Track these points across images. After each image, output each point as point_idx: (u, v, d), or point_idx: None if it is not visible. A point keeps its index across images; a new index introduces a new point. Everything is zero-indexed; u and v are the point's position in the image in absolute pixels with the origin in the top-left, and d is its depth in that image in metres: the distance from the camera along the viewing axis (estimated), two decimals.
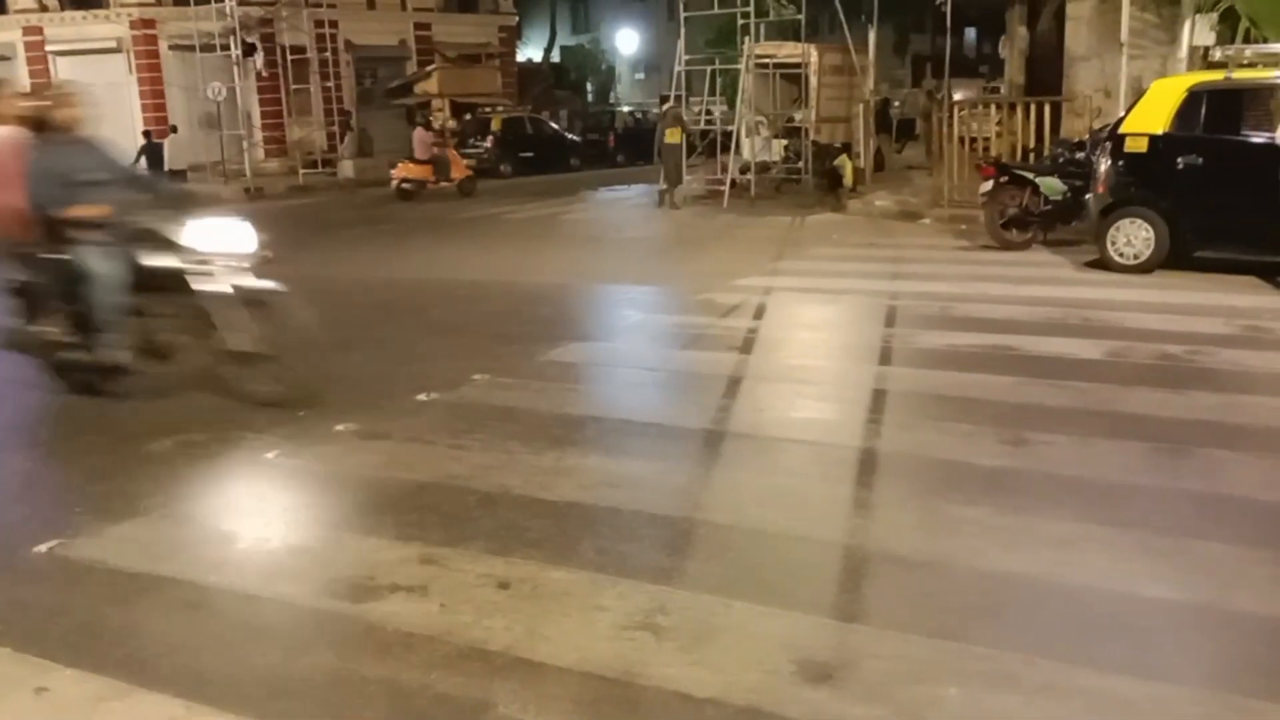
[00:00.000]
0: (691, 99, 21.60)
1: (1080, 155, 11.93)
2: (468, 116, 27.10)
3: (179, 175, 20.98)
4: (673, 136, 17.74)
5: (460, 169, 20.92)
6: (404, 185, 20.21)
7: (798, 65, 19.18)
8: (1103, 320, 7.88)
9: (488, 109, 27.49)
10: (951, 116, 15.26)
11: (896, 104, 28.83)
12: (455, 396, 6.25)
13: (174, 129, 24.10)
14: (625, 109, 40.79)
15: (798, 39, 19.05)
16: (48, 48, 26.77)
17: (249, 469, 5.16)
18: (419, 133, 21.02)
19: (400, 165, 20.50)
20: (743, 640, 3.28)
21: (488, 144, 26.12)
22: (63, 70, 26.61)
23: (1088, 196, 10.58)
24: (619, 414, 5.93)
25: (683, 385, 6.74)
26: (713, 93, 20.75)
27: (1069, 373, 6.35)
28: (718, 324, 8.29)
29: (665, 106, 20.14)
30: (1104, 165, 10.13)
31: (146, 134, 22.49)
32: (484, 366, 6.85)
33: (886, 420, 5.58)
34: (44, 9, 26.53)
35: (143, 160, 20.08)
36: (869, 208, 16.23)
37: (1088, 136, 13.11)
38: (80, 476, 5.16)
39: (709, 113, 20.58)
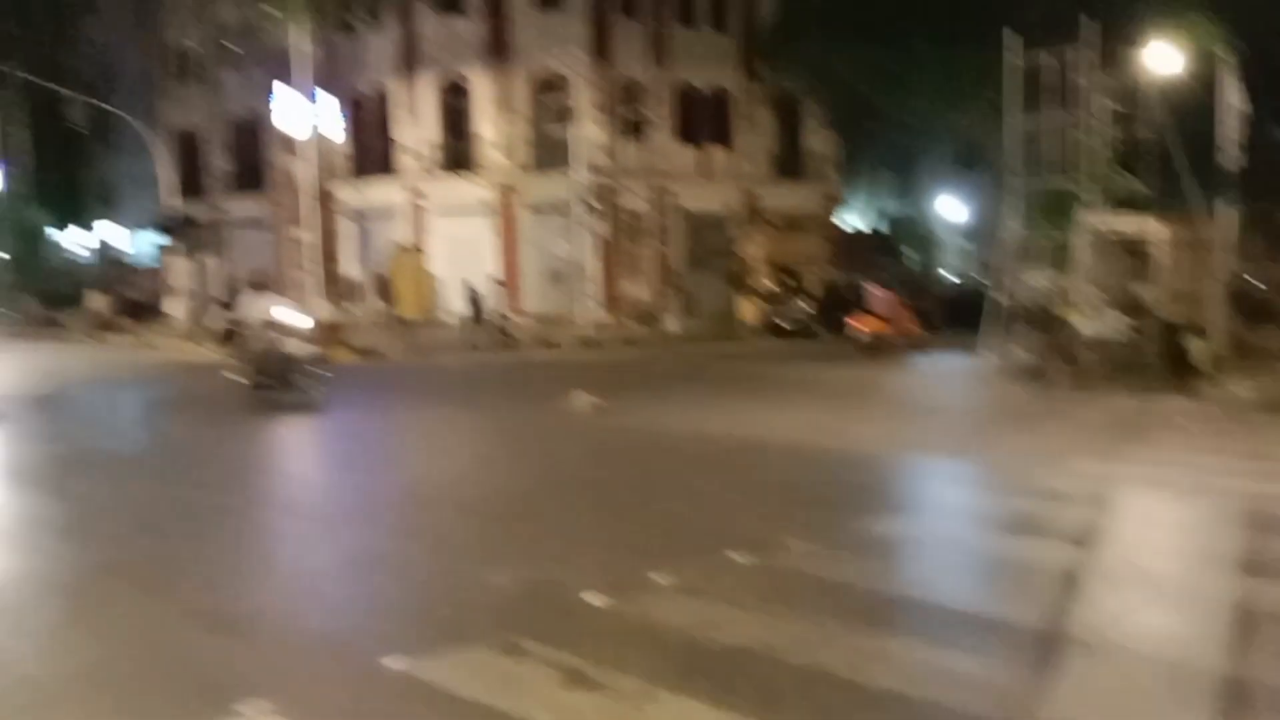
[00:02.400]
0: (1021, 268, 20.94)
1: None
2: (788, 280, 27.79)
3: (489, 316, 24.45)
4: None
5: (912, 326, 21.68)
6: (863, 337, 21.01)
7: (1140, 238, 18.13)
8: None
9: (808, 273, 28.08)
10: None
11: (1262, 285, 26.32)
12: (768, 559, 6.21)
13: (496, 281, 26.61)
14: (950, 276, 40.16)
15: (1141, 209, 18.06)
16: (426, 206, 30.57)
17: (565, 611, 5.32)
18: (877, 290, 22.07)
19: (860, 319, 21.41)
20: None
21: (807, 307, 26.57)
22: (435, 226, 30.32)
23: None
24: (939, 598, 5.62)
25: (1009, 573, 6.30)
26: (1045, 263, 19.99)
27: None
28: (1049, 509, 7.73)
29: (990, 274, 19.71)
30: None
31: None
32: (796, 530, 6.78)
33: (1259, 645, 4.89)
34: (425, 173, 30.45)
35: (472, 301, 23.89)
36: (1225, 395, 14.73)
37: None
38: (416, 599, 5.58)
39: (1041, 284, 19.80)
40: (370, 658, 4.62)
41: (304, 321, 13.69)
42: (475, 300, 24.50)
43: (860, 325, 21.19)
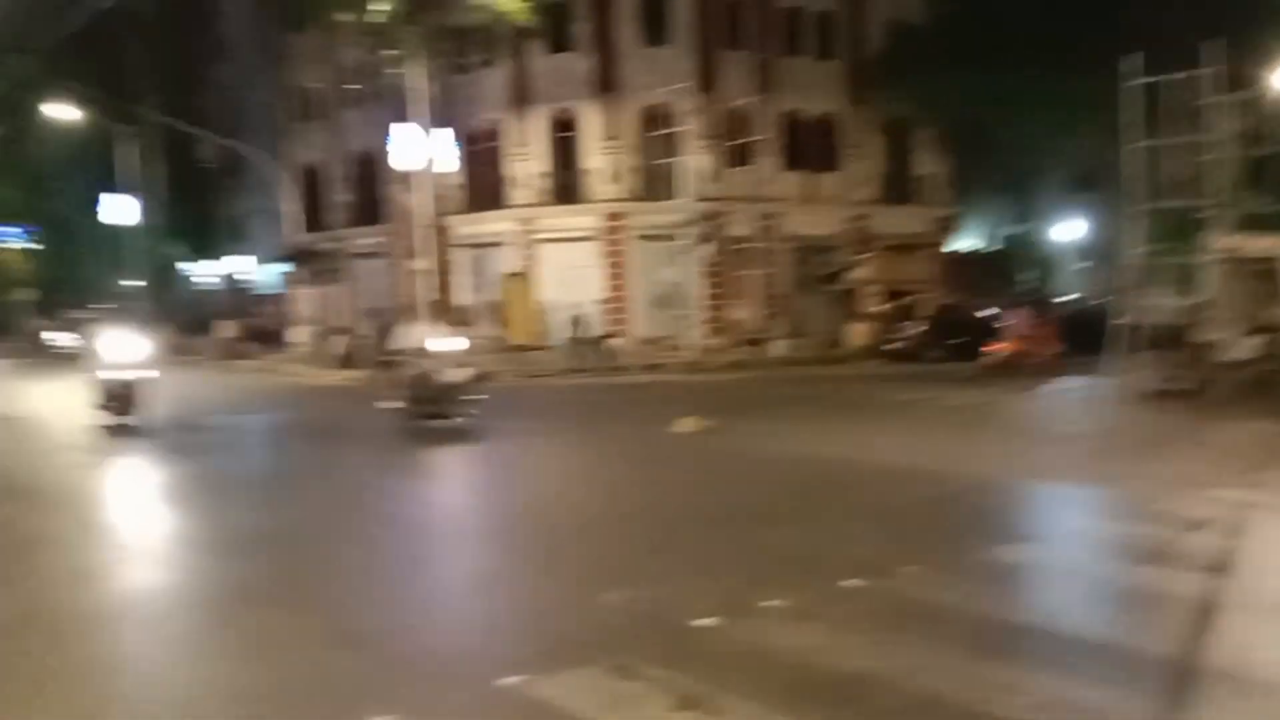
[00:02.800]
0: (1145, 290, 20.21)
1: None
2: (898, 303, 27.37)
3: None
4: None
5: (1050, 345, 21.32)
6: (997, 357, 20.94)
7: (1271, 258, 17.27)
8: None
9: (919, 296, 27.58)
10: None
11: None
12: (884, 585, 6.10)
13: (603, 306, 27.22)
14: (1066, 298, 38.97)
15: (1271, 230, 17.20)
16: (537, 236, 31.17)
17: (678, 633, 5.32)
18: (1020, 313, 21.86)
19: (1002, 343, 21.31)
20: None
21: (917, 330, 26.11)
22: (545, 255, 30.88)
23: None
24: (1065, 627, 5.42)
25: (1140, 604, 6.03)
26: (1170, 284, 19.21)
27: None
28: (1183, 539, 7.38)
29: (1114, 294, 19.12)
30: None
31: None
32: (913, 557, 6.64)
33: None
34: (536, 204, 31.06)
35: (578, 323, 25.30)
36: None
37: None
38: (531, 618, 5.66)
39: (1169, 305, 19.04)
40: (488, 676, 4.71)
41: (459, 344, 14.08)
42: (582, 325, 24.87)
43: (996, 347, 20.87)
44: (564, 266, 30.11)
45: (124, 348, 14.79)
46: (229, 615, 5.89)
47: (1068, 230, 41.39)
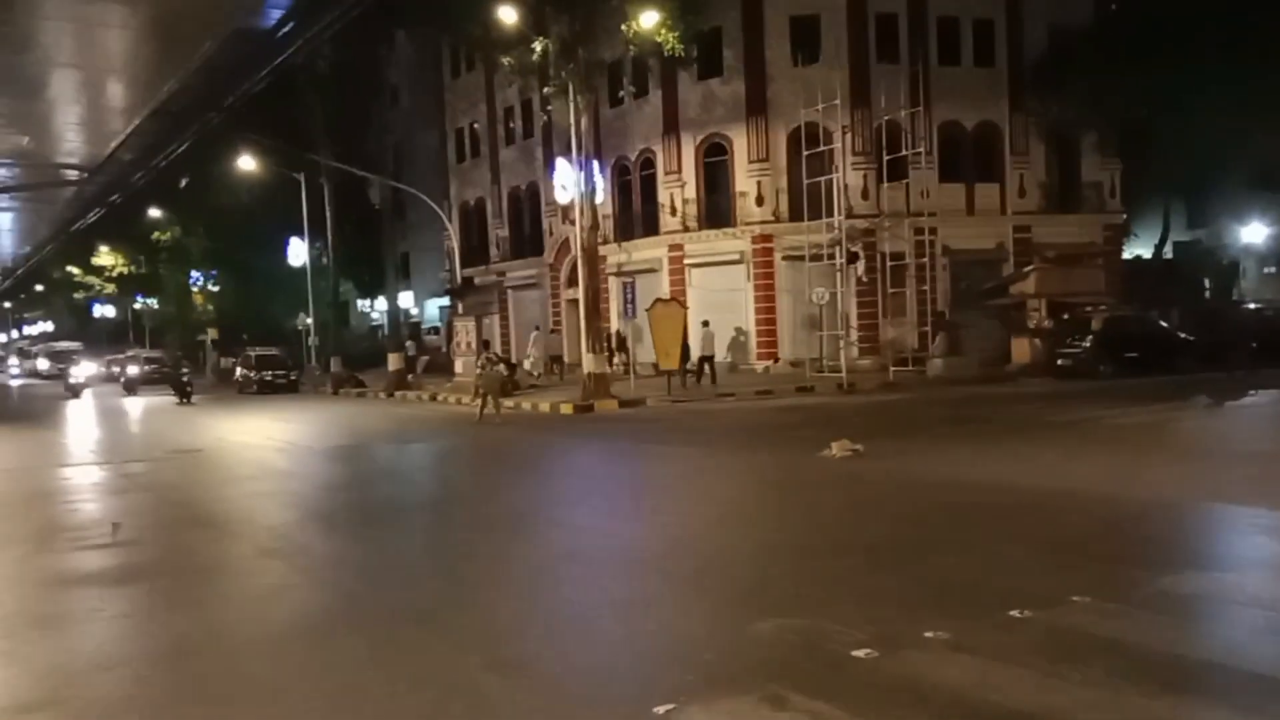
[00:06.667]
0: None
1: None
2: (1065, 316, 26.18)
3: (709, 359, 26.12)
4: None
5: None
6: None
7: None
8: None
9: (1088, 308, 26.30)
10: None
11: None
12: (1052, 617, 5.83)
13: (704, 323, 26.95)
14: (1252, 306, 36.49)
15: None
16: (686, 261, 31.42)
17: (832, 664, 5.24)
18: None
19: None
20: None
21: (1086, 344, 24.91)
22: (694, 279, 31.07)
23: None
24: (1250, 665, 5.05)
25: None
26: None
27: None
28: None
29: None
30: None
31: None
32: (1083, 587, 6.33)
33: None
34: (686, 230, 31.32)
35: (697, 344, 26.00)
36: None
37: None
38: (684, 645, 5.67)
39: None
40: (640, 702, 4.75)
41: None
42: (729, 348, 24.78)
43: None
44: (713, 290, 30.24)
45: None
46: (389, 638, 6.15)
47: (1250, 234, 38.85)
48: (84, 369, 40.37)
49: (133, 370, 39.66)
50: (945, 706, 4.58)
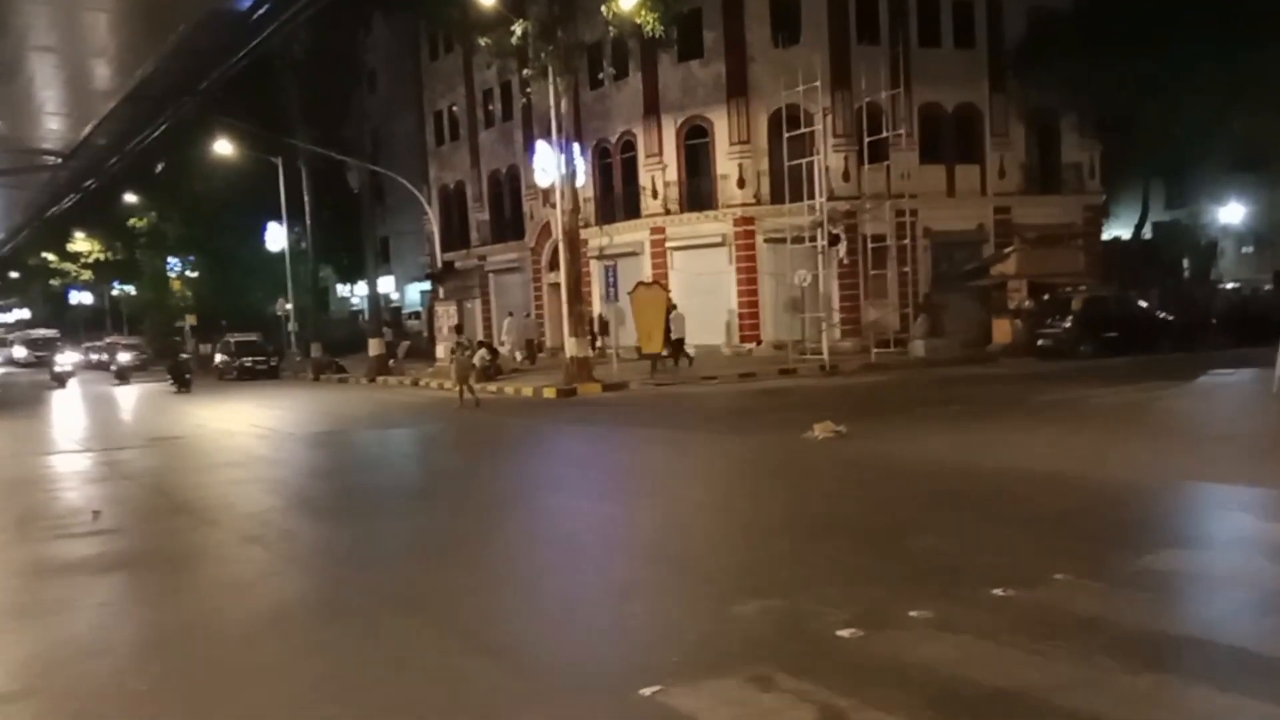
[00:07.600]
0: None
1: None
2: (1045, 297, 26.31)
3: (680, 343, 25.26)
4: None
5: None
6: None
7: None
8: None
9: (1068, 289, 26.44)
10: None
11: None
12: (1034, 596, 5.87)
13: (672, 306, 26.24)
14: (1229, 286, 36.81)
15: None
16: (668, 244, 31.35)
17: (817, 644, 5.25)
18: None
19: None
20: None
21: (1066, 324, 25.06)
22: (676, 262, 31.03)
23: None
24: (1229, 639, 5.11)
25: None
26: None
27: None
28: None
29: None
30: None
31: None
32: (1064, 566, 6.38)
33: None
34: (668, 213, 31.24)
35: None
36: None
37: None
38: (669, 628, 5.68)
39: None
40: (626, 685, 4.76)
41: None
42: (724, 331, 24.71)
43: None
44: (695, 273, 30.22)
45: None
46: (372, 624, 6.13)
47: (1228, 214, 39.13)
48: (69, 356, 39.94)
49: (124, 358, 39.21)
50: (929, 685, 4.60)
